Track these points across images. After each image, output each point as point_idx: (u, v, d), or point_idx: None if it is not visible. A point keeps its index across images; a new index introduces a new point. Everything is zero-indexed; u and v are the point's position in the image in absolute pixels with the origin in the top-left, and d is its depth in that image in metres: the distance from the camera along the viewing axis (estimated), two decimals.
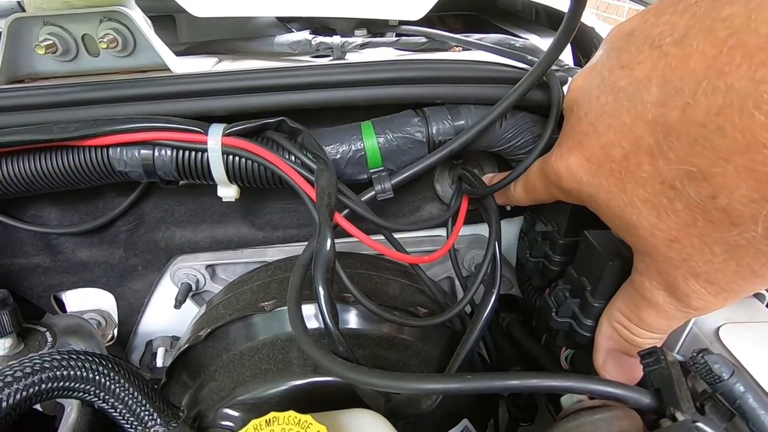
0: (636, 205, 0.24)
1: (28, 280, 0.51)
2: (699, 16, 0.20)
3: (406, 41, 0.54)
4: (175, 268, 0.51)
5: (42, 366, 0.28)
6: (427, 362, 0.41)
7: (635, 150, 0.23)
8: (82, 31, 0.43)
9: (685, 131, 0.21)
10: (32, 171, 0.38)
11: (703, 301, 0.24)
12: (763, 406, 0.23)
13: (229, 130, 0.37)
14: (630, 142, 0.24)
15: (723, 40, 0.19)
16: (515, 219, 0.51)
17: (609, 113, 0.25)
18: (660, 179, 0.23)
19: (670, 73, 0.21)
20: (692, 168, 0.21)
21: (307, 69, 0.39)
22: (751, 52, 0.18)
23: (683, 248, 0.23)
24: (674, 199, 0.22)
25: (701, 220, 0.22)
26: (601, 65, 0.26)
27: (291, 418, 0.26)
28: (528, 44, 0.51)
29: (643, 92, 0.23)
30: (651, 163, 0.23)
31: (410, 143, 0.39)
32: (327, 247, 0.31)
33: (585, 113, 0.27)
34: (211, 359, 0.40)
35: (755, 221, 0.20)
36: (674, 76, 0.21)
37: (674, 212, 0.23)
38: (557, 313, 0.38)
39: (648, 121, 0.22)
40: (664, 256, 0.24)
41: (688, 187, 0.21)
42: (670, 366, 0.24)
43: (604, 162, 0.25)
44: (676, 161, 0.21)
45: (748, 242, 0.21)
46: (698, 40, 0.20)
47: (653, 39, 0.23)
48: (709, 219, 0.21)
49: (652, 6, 0.24)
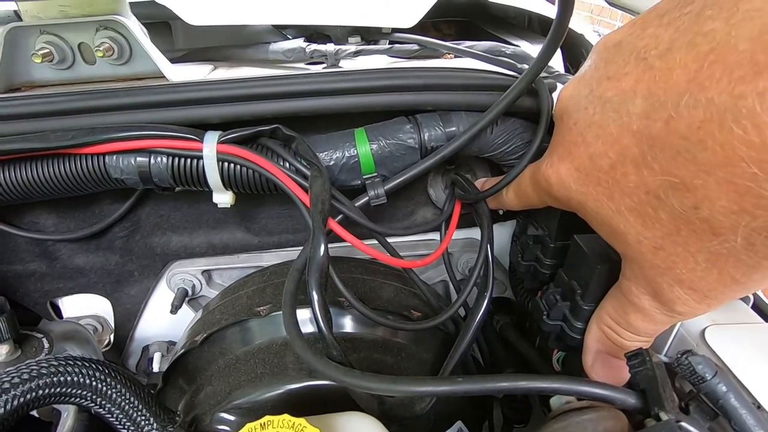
0: (623, 214, 0.25)
1: (25, 286, 0.51)
2: (682, 30, 0.21)
3: (399, 48, 0.55)
4: (171, 274, 0.51)
5: (39, 372, 0.28)
6: (421, 365, 0.41)
7: (622, 160, 0.24)
8: (78, 40, 0.44)
9: (668, 143, 0.21)
10: (29, 179, 0.38)
11: (688, 307, 0.25)
12: (744, 405, 0.23)
13: (224, 137, 0.37)
14: (616, 152, 0.24)
15: (704, 54, 0.20)
16: (508, 222, 0.51)
17: (597, 124, 0.25)
18: (645, 189, 0.23)
19: (655, 86, 0.22)
20: (675, 179, 0.21)
21: (300, 77, 0.40)
22: (730, 67, 0.18)
23: (668, 256, 0.24)
24: (659, 209, 0.23)
25: (684, 230, 0.22)
26: (590, 76, 0.27)
27: (285, 422, 0.27)
28: (519, 51, 0.52)
29: (629, 104, 0.23)
30: (636, 173, 0.23)
31: (403, 149, 0.39)
32: (321, 253, 0.31)
33: (574, 123, 0.27)
34: (207, 364, 0.41)
35: (735, 232, 0.20)
36: (658, 89, 0.21)
37: (659, 221, 0.23)
38: (548, 315, 0.39)
39: (633, 132, 0.23)
40: (650, 263, 0.25)
41: (672, 198, 0.22)
42: (655, 367, 0.25)
43: (592, 171, 0.26)
44: (660, 172, 0.22)
45: (729, 252, 0.21)
46: (681, 54, 0.21)
47: (639, 51, 0.23)
48: (692, 228, 0.22)
49: (639, 18, 0.25)
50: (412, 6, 0.56)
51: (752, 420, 0.23)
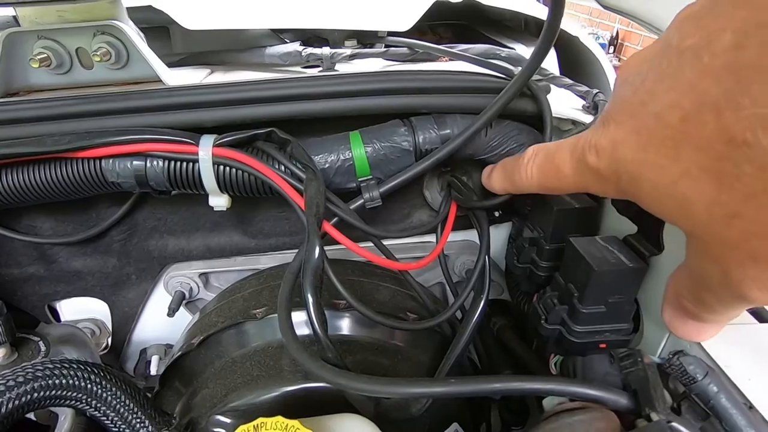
0: (692, 175, 0.21)
1: (23, 289, 0.51)
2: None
3: (395, 52, 0.55)
4: (169, 277, 0.51)
5: (35, 375, 0.28)
6: (418, 367, 0.41)
7: (698, 108, 0.21)
8: (76, 45, 0.44)
9: (765, 67, 0.18)
10: (26, 182, 0.38)
11: (761, 293, 0.21)
12: (735, 405, 0.23)
13: (219, 140, 0.37)
14: (692, 101, 0.21)
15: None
16: (504, 225, 0.52)
17: (670, 75, 0.22)
18: (727, 137, 0.20)
19: (751, 11, 0.19)
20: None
21: (295, 81, 0.40)
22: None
23: (745, 225, 0.20)
24: (742, 162, 0.19)
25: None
26: (666, 36, 0.24)
27: (279, 424, 0.27)
28: (513, 54, 0.52)
29: (715, 42, 0.20)
30: (716, 119, 0.20)
31: (397, 152, 0.40)
32: (315, 256, 0.32)
33: (642, 81, 0.24)
34: (203, 366, 0.41)
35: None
36: (756, 12, 0.19)
37: (740, 179, 0.20)
38: (546, 320, 0.39)
39: (716, 71, 0.20)
40: (719, 237, 0.21)
41: (765, 139, 0.18)
42: (647, 368, 0.25)
43: (657, 130, 0.23)
44: (752, 105, 0.19)
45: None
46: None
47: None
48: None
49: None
50: (407, 10, 0.56)
51: (743, 420, 0.23)
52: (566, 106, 0.44)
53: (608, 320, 0.33)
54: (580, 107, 0.45)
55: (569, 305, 0.36)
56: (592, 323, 0.34)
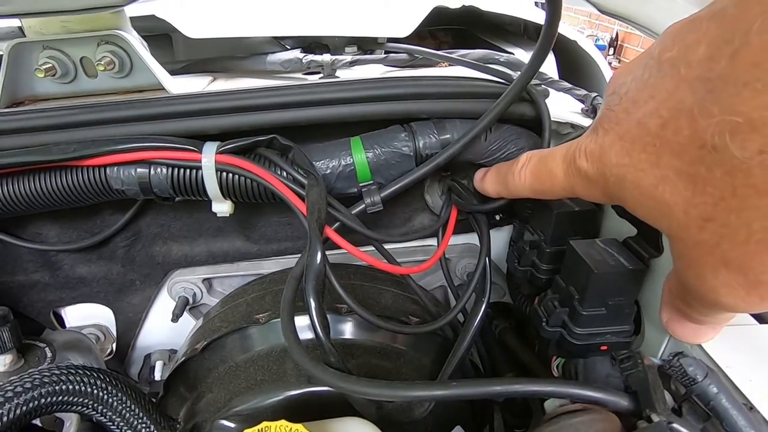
0: (670, 180, 0.23)
1: (28, 296, 0.52)
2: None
3: (394, 58, 0.56)
4: (173, 282, 0.52)
5: (41, 381, 0.28)
6: (420, 370, 0.41)
7: (675, 115, 0.22)
8: (80, 54, 0.45)
9: (732, 78, 0.19)
10: (32, 191, 0.39)
11: (733, 297, 0.22)
12: (735, 406, 0.23)
13: (222, 147, 0.38)
14: (670, 108, 0.22)
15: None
16: (504, 228, 0.52)
17: (651, 85, 0.24)
18: (699, 142, 0.21)
19: (723, 28, 0.20)
20: (738, 118, 0.19)
21: (297, 88, 0.40)
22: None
23: (717, 228, 0.21)
24: (713, 165, 0.20)
25: (742, 188, 0.20)
26: (652, 48, 0.25)
27: (282, 427, 0.27)
28: (512, 59, 0.52)
29: (691, 55, 0.21)
30: (690, 126, 0.21)
31: (398, 157, 0.40)
32: (317, 261, 0.32)
33: (626, 91, 0.26)
34: (207, 371, 0.41)
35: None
36: (726, 30, 0.20)
37: (711, 183, 0.21)
38: (547, 322, 0.39)
39: (691, 81, 0.21)
40: (694, 240, 0.22)
41: (732, 144, 0.19)
42: (647, 370, 0.25)
43: (639, 136, 0.24)
44: (720, 113, 0.20)
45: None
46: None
47: (715, 12, 0.21)
48: (751, 184, 0.19)
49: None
50: (407, 16, 0.57)
51: (743, 421, 0.23)
52: (565, 110, 0.44)
53: (609, 322, 0.33)
54: (579, 111, 0.45)
55: (570, 307, 0.37)
56: (593, 325, 0.34)
